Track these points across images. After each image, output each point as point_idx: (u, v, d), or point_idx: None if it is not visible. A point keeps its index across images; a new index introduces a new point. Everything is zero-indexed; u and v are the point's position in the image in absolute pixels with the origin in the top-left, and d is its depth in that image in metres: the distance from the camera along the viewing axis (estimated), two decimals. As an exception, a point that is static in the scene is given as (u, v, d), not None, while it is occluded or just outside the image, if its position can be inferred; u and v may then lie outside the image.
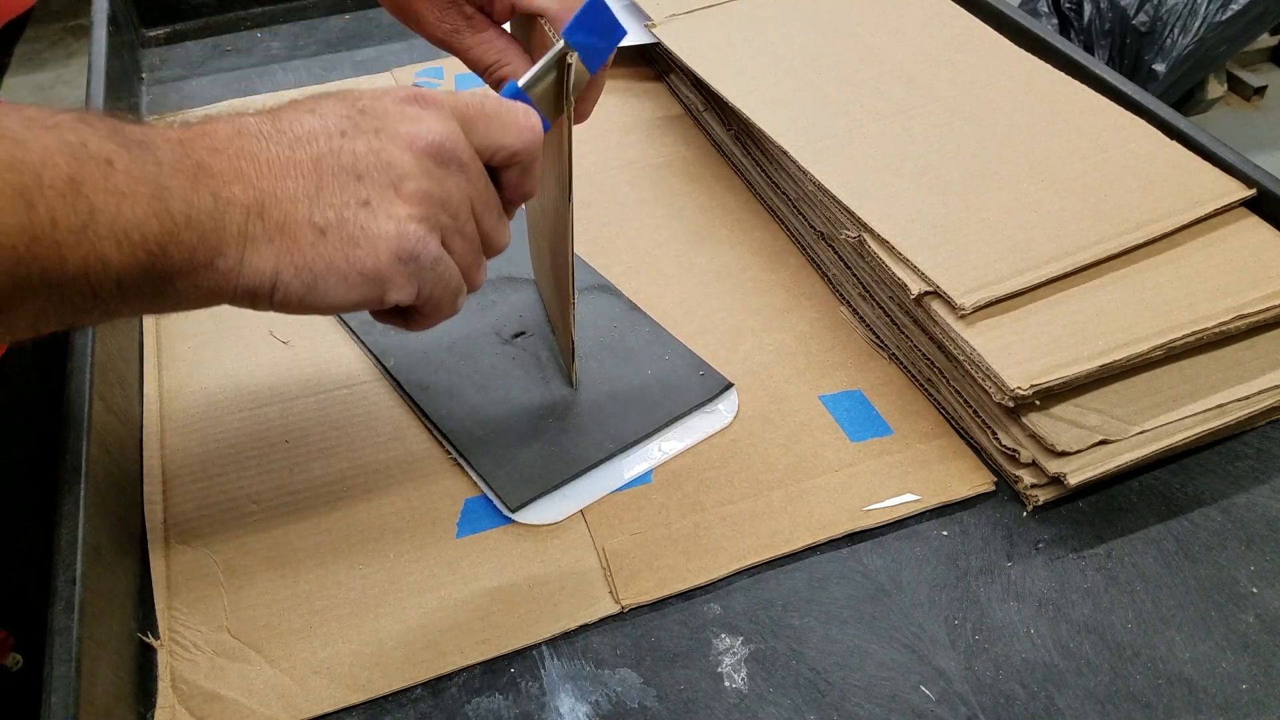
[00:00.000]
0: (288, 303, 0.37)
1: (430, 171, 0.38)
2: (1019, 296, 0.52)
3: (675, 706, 0.43)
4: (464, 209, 0.39)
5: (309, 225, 0.36)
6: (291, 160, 0.36)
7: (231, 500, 0.51)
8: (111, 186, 0.32)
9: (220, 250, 0.35)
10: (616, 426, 0.54)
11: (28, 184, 0.30)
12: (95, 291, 0.33)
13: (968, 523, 0.50)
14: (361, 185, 0.36)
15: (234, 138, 0.36)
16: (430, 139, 0.38)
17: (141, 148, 0.33)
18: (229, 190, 0.35)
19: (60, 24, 2.70)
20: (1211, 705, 0.42)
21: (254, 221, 0.35)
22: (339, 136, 0.37)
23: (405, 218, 0.37)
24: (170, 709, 0.43)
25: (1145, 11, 1.92)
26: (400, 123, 0.38)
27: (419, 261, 0.38)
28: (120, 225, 0.32)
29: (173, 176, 0.33)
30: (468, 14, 0.48)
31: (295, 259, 0.36)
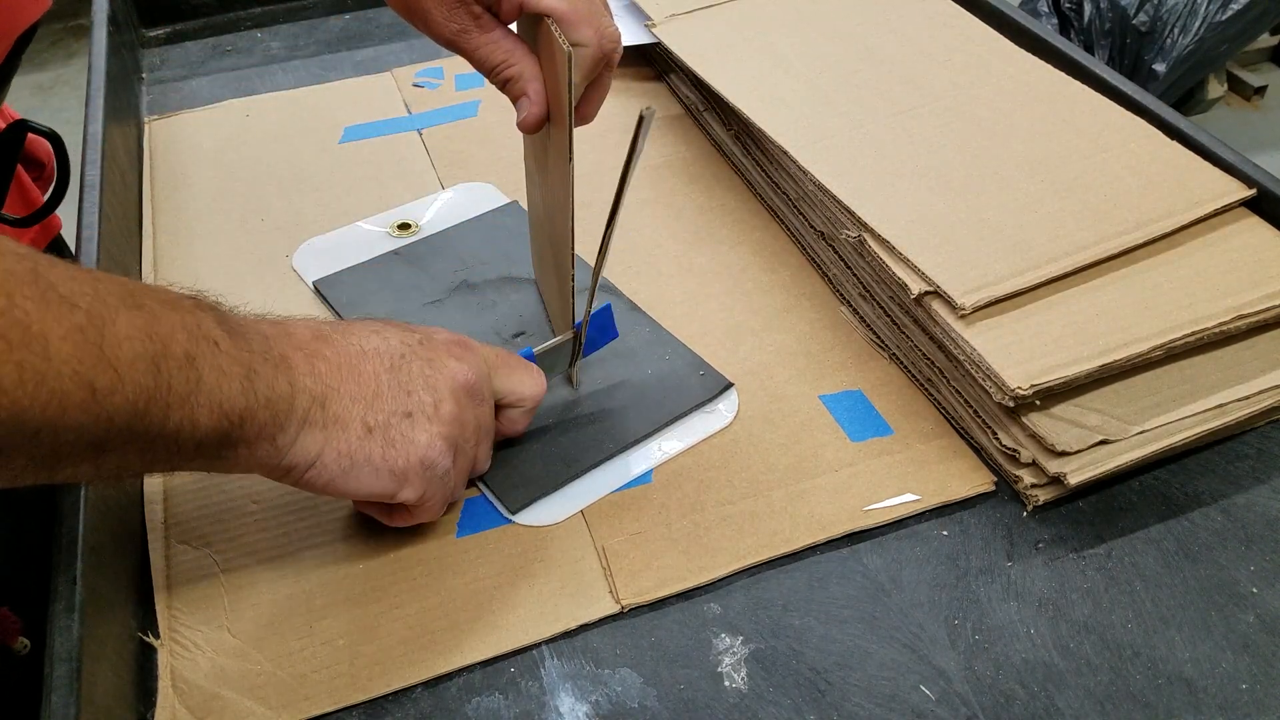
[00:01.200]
0: (316, 481, 0.43)
1: (462, 401, 0.46)
2: (1019, 296, 0.52)
3: (675, 706, 0.43)
4: (474, 435, 0.47)
5: (360, 423, 0.43)
6: (358, 370, 0.44)
7: (231, 500, 0.51)
8: (215, 365, 0.38)
9: (283, 428, 0.41)
10: (616, 426, 0.54)
11: (158, 352, 0.35)
12: (177, 449, 0.38)
13: (968, 523, 0.50)
14: (410, 400, 0.44)
15: (312, 340, 0.43)
16: (468, 378, 0.46)
17: (240, 336, 0.40)
18: (303, 381, 0.42)
19: (60, 24, 2.70)
20: (1211, 705, 0.42)
21: (316, 409, 0.42)
22: (399, 359, 0.45)
23: (436, 434, 0.45)
24: (170, 709, 0.43)
25: (1145, 11, 1.92)
26: (448, 359, 0.46)
27: (434, 470, 0.45)
28: (216, 397, 0.38)
29: (261, 363, 0.40)
30: (475, 13, 0.48)
31: (340, 446, 0.42)
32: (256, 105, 0.83)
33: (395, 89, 0.85)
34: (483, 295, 0.63)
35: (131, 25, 0.92)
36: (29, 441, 0.32)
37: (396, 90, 0.85)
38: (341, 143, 0.78)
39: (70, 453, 0.34)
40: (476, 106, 0.82)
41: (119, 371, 0.34)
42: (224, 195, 0.73)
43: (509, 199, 0.71)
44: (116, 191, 0.66)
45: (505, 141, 0.77)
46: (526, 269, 0.65)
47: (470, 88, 0.84)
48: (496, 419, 0.50)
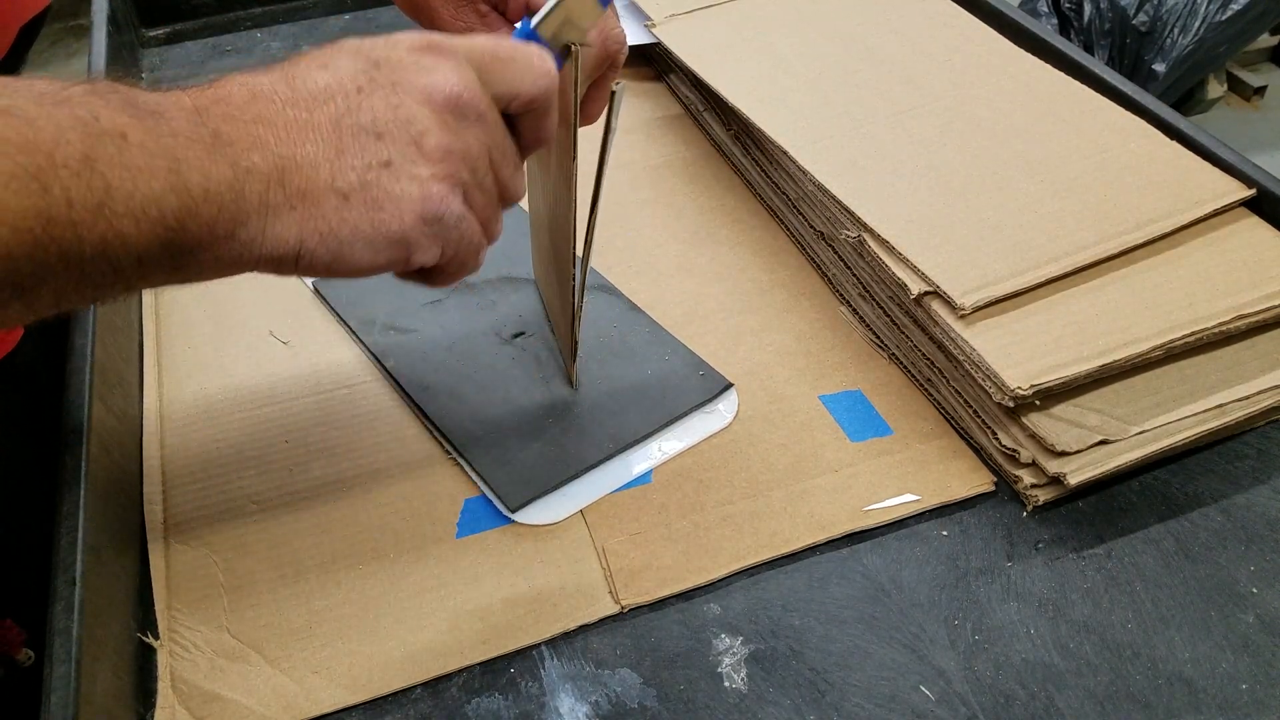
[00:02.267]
0: (313, 268, 0.36)
1: (449, 125, 0.37)
2: (1019, 296, 0.52)
3: (675, 706, 0.43)
4: (483, 161, 0.38)
5: (331, 191, 0.35)
6: (309, 123, 0.35)
7: (231, 500, 0.51)
8: (126, 162, 0.31)
9: (241, 221, 0.34)
10: (616, 426, 0.54)
11: (41, 165, 0.29)
12: (115, 268, 0.32)
13: (968, 523, 0.50)
14: (382, 145, 0.36)
15: (249, 102, 0.35)
16: (448, 90, 0.36)
17: (155, 118, 0.32)
18: (248, 159, 0.34)
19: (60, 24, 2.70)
20: (1211, 705, 0.42)
21: (274, 190, 0.34)
22: (355, 93, 0.36)
23: (428, 177, 0.36)
24: (170, 709, 0.43)
25: (1145, 11, 1.92)
26: (417, 74, 0.36)
27: (443, 222, 0.37)
28: (137, 201, 0.31)
29: (189, 148, 0.33)
30: (482, 12, 0.48)
31: (319, 226, 0.35)
32: (256, 105, 0.83)
33: (395, 89, 0.85)
34: (483, 295, 0.63)
35: (131, 25, 0.92)
36: None
37: (396, 90, 0.85)
38: (341, 143, 0.78)
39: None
40: (476, 106, 0.82)
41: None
42: (224, 195, 0.73)
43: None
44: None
45: (505, 141, 0.77)
46: (526, 269, 0.65)
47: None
48: (516, 132, 0.41)
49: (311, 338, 0.60)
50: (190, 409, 0.56)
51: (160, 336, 0.61)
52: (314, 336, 0.60)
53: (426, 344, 0.59)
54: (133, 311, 0.62)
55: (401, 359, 0.58)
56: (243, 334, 0.60)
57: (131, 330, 0.61)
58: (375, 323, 0.60)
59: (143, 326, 0.61)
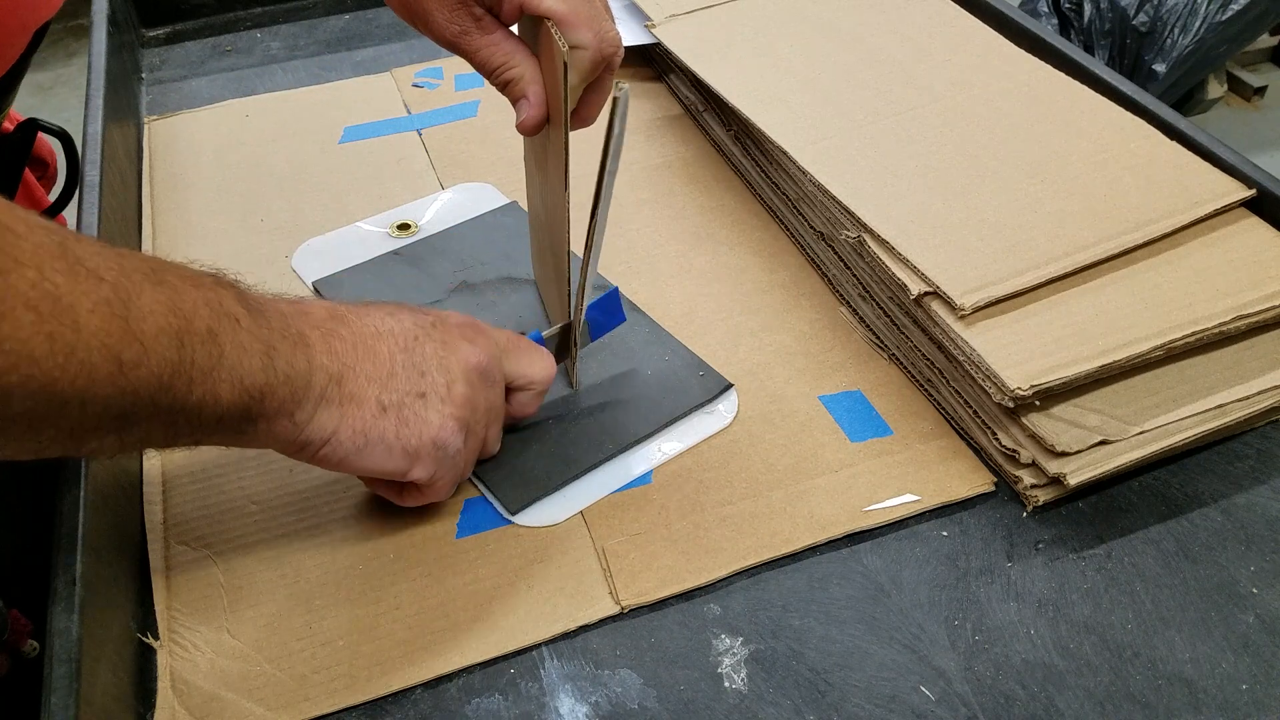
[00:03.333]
0: (331, 457, 0.43)
1: (474, 383, 0.47)
2: (1019, 296, 0.52)
3: (675, 707, 0.43)
4: (484, 416, 0.48)
5: (375, 401, 0.44)
6: (372, 349, 0.44)
7: (231, 500, 0.51)
8: (237, 340, 0.38)
9: (300, 404, 0.41)
10: (616, 427, 0.54)
11: (182, 328, 0.36)
12: (199, 423, 0.38)
13: (968, 523, 0.50)
14: (424, 381, 0.45)
15: (328, 320, 0.44)
16: (481, 360, 0.47)
17: (259, 313, 0.40)
18: (320, 359, 0.42)
19: (60, 24, 2.70)
20: (1211, 705, 0.42)
21: (333, 388, 0.43)
22: (413, 340, 0.45)
23: (448, 414, 0.45)
24: (170, 709, 0.43)
25: (1145, 11, 1.92)
26: (461, 342, 0.47)
27: (446, 450, 0.46)
28: (238, 372, 0.38)
29: (280, 340, 0.41)
30: (476, 15, 0.48)
31: (355, 424, 0.43)
32: (256, 105, 0.83)
33: (395, 89, 0.85)
34: (482, 295, 0.63)
35: (131, 25, 0.92)
36: (57, 413, 0.33)
37: (396, 90, 0.85)
38: (341, 143, 0.78)
39: (96, 425, 0.35)
40: (476, 107, 0.82)
41: (145, 345, 0.34)
42: (224, 195, 0.73)
43: (508, 199, 0.71)
44: (116, 192, 0.66)
45: (505, 141, 0.77)
46: (526, 269, 0.65)
47: (470, 88, 0.84)
48: (507, 401, 0.50)
49: (311, 338, 0.60)
50: (190, 409, 0.56)
51: (160, 337, 0.60)
52: (314, 336, 0.60)
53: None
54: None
55: (401, 359, 0.58)
56: (243, 334, 0.60)
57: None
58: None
59: (143, 327, 0.61)
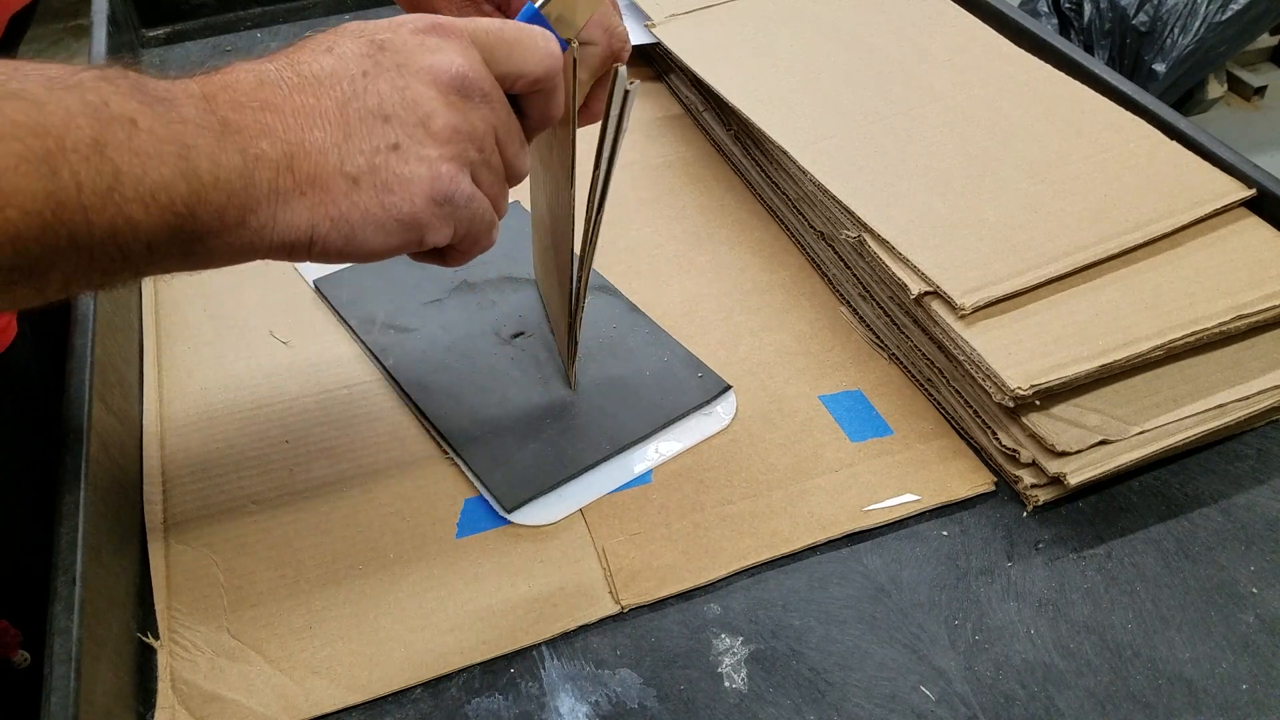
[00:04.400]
0: (327, 254, 0.36)
1: (456, 105, 0.37)
2: (1019, 296, 0.52)
3: (675, 706, 0.43)
4: (489, 140, 0.39)
5: (341, 175, 0.35)
6: (316, 108, 0.35)
7: (231, 500, 0.51)
8: (136, 147, 0.31)
9: (251, 208, 0.34)
10: (614, 428, 0.54)
11: (51, 149, 0.30)
12: (124, 253, 0.32)
13: (968, 523, 0.50)
14: (389, 128, 0.36)
15: (256, 88, 0.35)
16: (454, 71, 0.37)
17: (164, 105, 0.33)
18: (256, 146, 0.34)
19: (60, 24, 2.70)
20: (1211, 705, 0.42)
21: (284, 176, 0.35)
22: (361, 77, 0.36)
23: (436, 158, 0.37)
24: (170, 709, 0.43)
25: (1145, 11, 1.92)
26: (421, 55, 0.37)
27: (454, 202, 0.37)
28: (146, 187, 0.31)
29: (198, 134, 0.33)
30: (485, 12, 0.48)
31: (330, 211, 0.35)
32: (256, 105, 0.83)
33: (395, 89, 0.85)
34: (483, 295, 0.63)
35: (131, 25, 0.92)
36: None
37: (396, 90, 0.85)
38: (341, 143, 0.78)
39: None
40: (476, 106, 0.82)
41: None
42: (224, 195, 0.73)
43: (510, 199, 0.71)
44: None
45: (505, 141, 0.77)
46: (527, 269, 0.65)
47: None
48: (522, 112, 0.41)
49: (311, 338, 0.60)
50: (190, 409, 0.56)
51: (160, 336, 0.61)
52: (314, 336, 0.60)
53: (426, 343, 0.59)
54: (133, 311, 0.62)
55: (401, 358, 0.58)
56: (243, 334, 0.60)
57: (131, 330, 0.61)
58: (375, 322, 0.60)
59: (143, 326, 0.61)
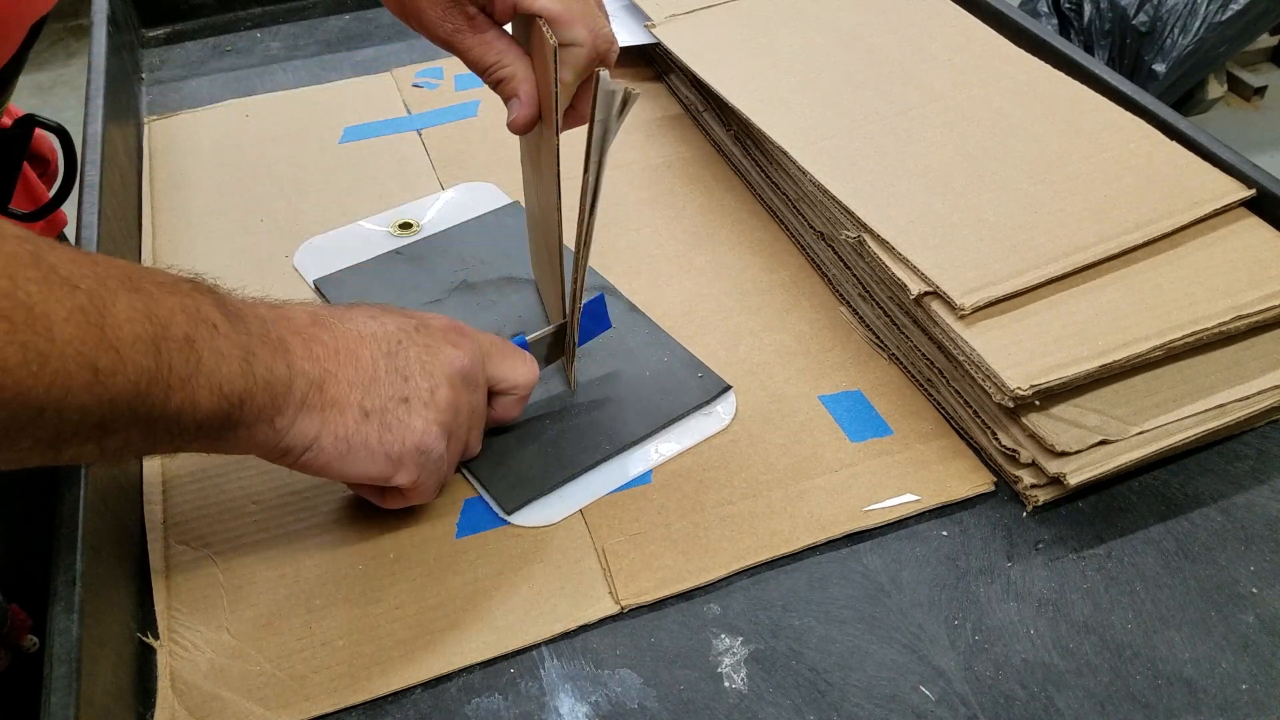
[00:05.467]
0: (313, 463, 0.43)
1: (457, 387, 0.46)
2: (1019, 296, 0.52)
3: (675, 706, 0.43)
4: (468, 420, 0.48)
5: (358, 407, 0.43)
6: (354, 354, 0.44)
7: (231, 500, 0.51)
8: (215, 347, 0.38)
9: (281, 410, 0.41)
10: (613, 428, 0.54)
11: (158, 335, 0.36)
12: (179, 430, 0.38)
13: (968, 523, 0.50)
14: (407, 386, 0.45)
15: (309, 325, 0.44)
16: (464, 364, 0.47)
17: (238, 319, 0.40)
18: (301, 365, 0.42)
19: (60, 24, 2.70)
20: (1211, 705, 0.42)
21: (314, 393, 0.42)
22: (396, 344, 0.45)
23: (432, 420, 0.45)
24: (170, 709, 0.43)
25: (1145, 11, 1.92)
26: (445, 345, 0.47)
27: (430, 454, 0.45)
28: (216, 378, 0.38)
29: (260, 346, 0.40)
30: (470, 14, 0.48)
31: (337, 430, 0.43)
32: (256, 105, 0.83)
33: (395, 89, 0.85)
34: (483, 295, 0.63)
35: (131, 25, 0.92)
36: (34, 422, 0.33)
37: (396, 90, 0.85)
38: (341, 143, 0.78)
39: (74, 433, 0.35)
40: (476, 106, 0.82)
41: (120, 353, 0.34)
42: (224, 195, 0.73)
43: (510, 199, 0.71)
44: (116, 192, 0.66)
45: (505, 141, 0.77)
46: (526, 269, 0.65)
47: (470, 88, 0.84)
48: (490, 405, 0.51)
49: (311, 338, 0.60)
50: (190, 409, 0.56)
51: (160, 336, 0.60)
52: (314, 336, 0.60)
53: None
54: (133, 311, 0.62)
55: (401, 359, 0.58)
56: (243, 334, 0.60)
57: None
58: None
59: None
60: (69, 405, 0.33)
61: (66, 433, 0.34)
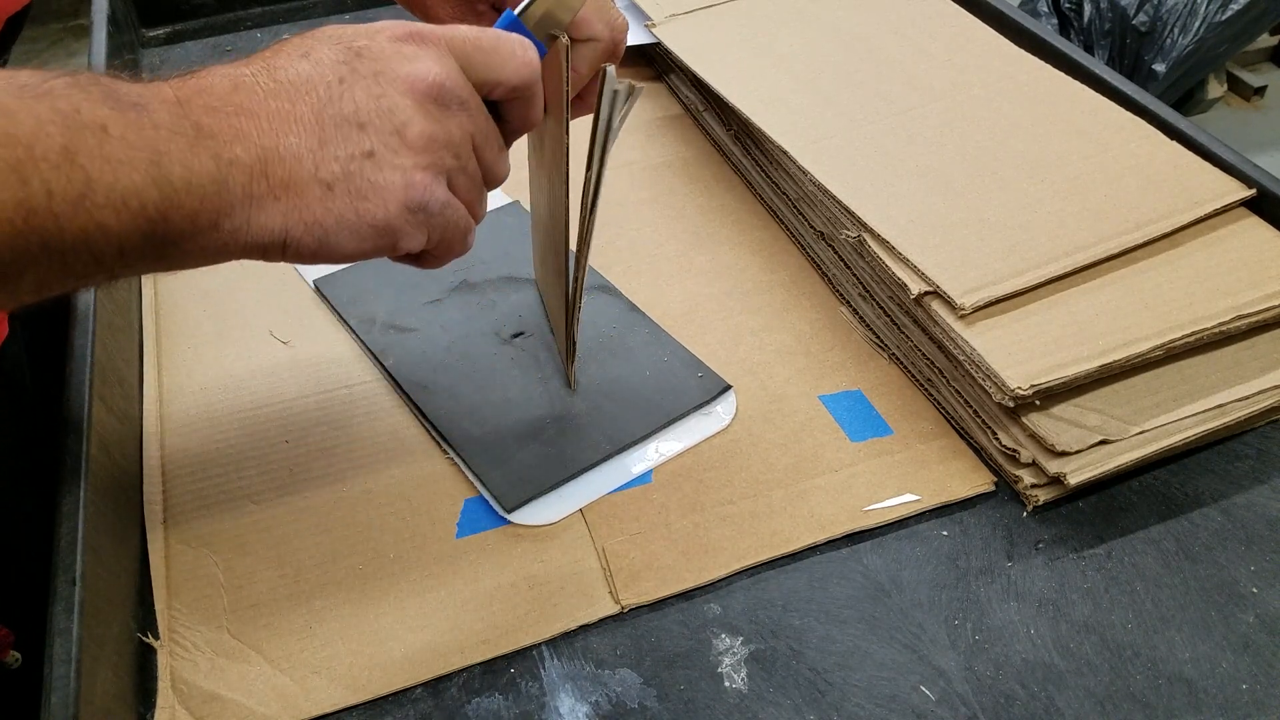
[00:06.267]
0: (300, 255, 0.37)
1: (432, 113, 0.37)
2: (1019, 296, 0.52)
3: (675, 706, 0.43)
4: (466, 147, 0.39)
5: (315, 181, 0.36)
6: (292, 114, 0.35)
7: (231, 500, 0.51)
8: (107, 154, 0.31)
9: (225, 213, 0.34)
10: (614, 428, 0.54)
11: (20, 157, 0.30)
12: (97, 258, 0.33)
13: (968, 523, 0.50)
14: (365, 135, 0.36)
15: (231, 93, 0.35)
16: (431, 79, 0.37)
17: (137, 110, 0.33)
18: (230, 151, 0.34)
19: (60, 24, 2.70)
20: (1211, 705, 0.42)
21: (258, 181, 0.35)
22: (338, 84, 0.36)
23: (411, 166, 0.37)
24: (170, 709, 0.43)
25: (1145, 11, 1.92)
26: (399, 63, 0.37)
27: (428, 209, 0.38)
28: (118, 193, 0.32)
29: (170, 140, 0.33)
30: (480, 11, 0.48)
31: (304, 216, 0.36)
32: (256, 105, 0.83)
33: (395, 89, 0.85)
34: (483, 295, 0.63)
35: (131, 25, 0.92)
36: None
37: (396, 90, 0.85)
38: (341, 143, 0.78)
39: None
40: (476, 106, 0.82)
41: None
42: (224, 195, 0.73)
43: (510, 199, 0.71)
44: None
45: (505, 141, 0.77)
46: (527, 269, 0.65)
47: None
48: (503, 116, 0.42)
49: (311, 338, 0.60)
50: (190, 409, 0.56)
51: (160, 336, 0.61)
52: (314, 336, 0.60)
53: (426, 343, 0.59)
54: (133, 311, 0.62)
55: (401, 358, 0.58)
56: (243, 334, 0.60)
57: (131, 330, 0.61)
58: (375, 322, 0.60)
59: (143, 326, 0.61)
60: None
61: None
